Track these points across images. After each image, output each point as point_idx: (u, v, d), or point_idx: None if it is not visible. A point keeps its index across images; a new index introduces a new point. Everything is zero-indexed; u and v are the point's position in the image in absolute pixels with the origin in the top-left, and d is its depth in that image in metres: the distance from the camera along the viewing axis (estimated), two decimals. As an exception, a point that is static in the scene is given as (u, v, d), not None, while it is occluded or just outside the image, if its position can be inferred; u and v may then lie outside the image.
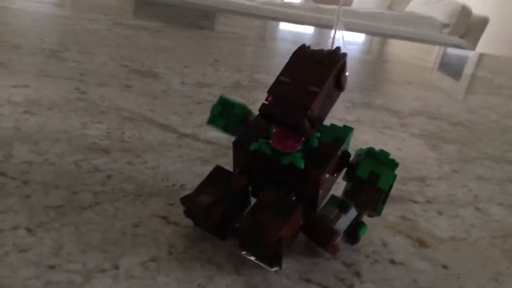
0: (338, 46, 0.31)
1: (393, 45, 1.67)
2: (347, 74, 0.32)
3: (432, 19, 3.13)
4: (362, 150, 0.34)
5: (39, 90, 0.56)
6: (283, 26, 1.61)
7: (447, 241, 0.39)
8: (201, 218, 0.32)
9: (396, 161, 0.33)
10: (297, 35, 1.43)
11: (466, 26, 3.20)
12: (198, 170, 0.43)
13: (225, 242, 0.33)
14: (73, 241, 0.30)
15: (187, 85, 0.69)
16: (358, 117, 0.68)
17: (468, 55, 1.69)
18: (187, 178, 0.41)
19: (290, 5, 2.96)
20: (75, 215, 0.33)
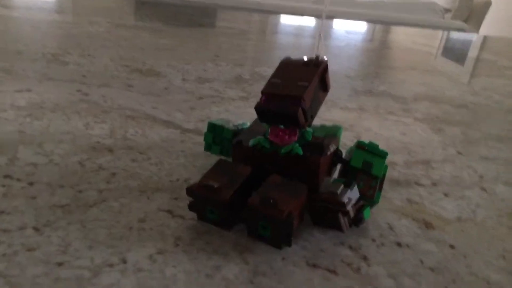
0: (317, 55, 0.35)
1: (396, 32, 1.66)
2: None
3: (434, 4, 3.09)
4: (352, 146, 0.38)
5: (42, 93, 0.56)
6: (283, 19, 1.61)
7: (453, 222, 0.38)
8: (208, 204, 0.32)
9: (385, 150, 0.35)
10: (298, 27, 1.42)
11: (469, 9, 3.16)
12: (202, 164, 0.43)
13: (230, 233, 0.33)
14: (80, 238, 0.31)
15: (188, 81, 0.69)
16: (361, 104, 0.68)
17: (471, 38, 1.67)
18: (191, 173, 0.41)
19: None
20: (81, 213, 0.33)
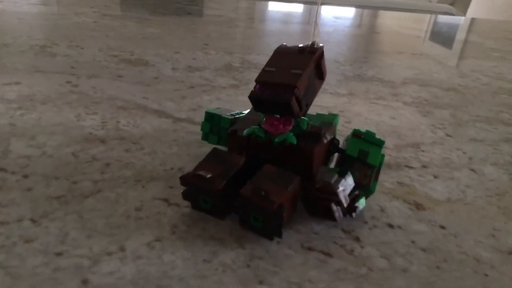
0: (314, 41, 0.34)
1: (384, 17, 1.66)
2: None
3: (421, -12, 3.09)
4: (349, 135, 0.37)
5: (31, 86, 0.56)
6: (271, 6, 1.60)
7: (443, 202, 0.39)
8: (201, 194, 0.33)
9: (382, 139, 0.35)
10: (286, 14, 1.42)
11: (456, -8, 3.17)
12: (195, 153, 0.43)
13: (226, 219, 0.34)
14: (78, 228, 0.31)
15: (178, 70, 0.69)
16: (351, 89, 0.69)
17: (459, 21, 1.68)
18: (185, 161, 0.41)
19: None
20: (77, 203, 0.33)
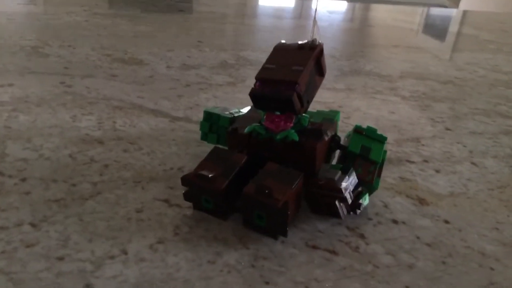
0: (314, 38, 0.34)
1: (376, 10, 1.66)
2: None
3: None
4: (350, 131, 0.37)
5: (25, 87, 0.55)
6: (262, 1, 1.59)
7: (446, 197, 0.39)
8: (203, 194, 0.32)
9: (384, 135, 0.34)
10: (277, 9, 1.41)
11: (447, -15, 3.17)
12: (194, 152, 0.43)
13: (228, 219, 0.33)
14: (79, 231, 0.30)
15: (173, 68, 0.68)
16: (349, 84, 0.68)
17: (452, 14, 1.68)
18: (184, 161, 0.41)
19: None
20: (77, 206, 0.33)
